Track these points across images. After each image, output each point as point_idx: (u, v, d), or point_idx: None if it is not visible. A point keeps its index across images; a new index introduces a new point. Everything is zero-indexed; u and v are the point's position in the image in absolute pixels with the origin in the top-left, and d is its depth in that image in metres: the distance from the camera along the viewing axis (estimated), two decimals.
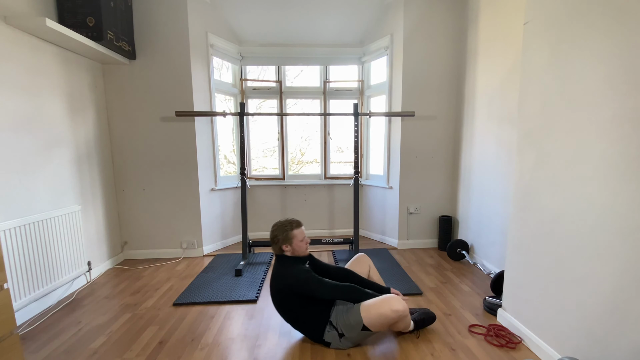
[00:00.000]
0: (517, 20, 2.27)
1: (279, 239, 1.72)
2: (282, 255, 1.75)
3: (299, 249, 1.74)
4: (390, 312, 1.58)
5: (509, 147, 2.41)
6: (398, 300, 1.61)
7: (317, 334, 1.68)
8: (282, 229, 1.73)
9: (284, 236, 1.72)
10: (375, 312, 1.60)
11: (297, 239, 1.73)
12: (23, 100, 2.04)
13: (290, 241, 1.72)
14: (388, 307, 1.59)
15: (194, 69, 2.94)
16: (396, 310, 1.58)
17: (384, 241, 3.54)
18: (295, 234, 1.73)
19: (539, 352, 1.61)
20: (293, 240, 1.72)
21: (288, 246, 1.72)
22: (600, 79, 1.26)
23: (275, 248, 1.75)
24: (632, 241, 1.15)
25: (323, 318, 1.67)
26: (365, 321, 1.61)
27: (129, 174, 2.98)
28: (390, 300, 1.61)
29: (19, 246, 1.95)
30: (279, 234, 1.73)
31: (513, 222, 1.79)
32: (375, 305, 1.62)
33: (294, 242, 1.72)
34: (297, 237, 1.73)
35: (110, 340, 1.80)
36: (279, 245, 1.73)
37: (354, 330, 1.63)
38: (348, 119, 3.74)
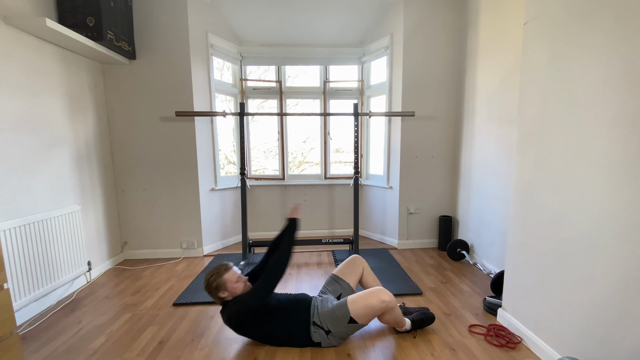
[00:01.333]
0: (517, 20, 2.27)
1: (212, 288, 1.64)
2: (225, 302, 1.68)
3: (235, 288, 1.65)
4: (378, 303, 1.60)
5: (509, 147, 2.41)
6: (384, 291, 1.64)
7: (304, 338, 1.67)
8: (213, 279, 1.64)
9: (215, 285, 1.63)
10: (362, 304, 1.62)
11: (231, 282, 1.65)
12: (23, 100, 2.04)
13: (225, 287, 1.64)
14: (375, 298, 1.61)
15: (194, 69, 2.94)
16: (383, 300, 1.61)
17: (383, 241, 3.54)
18: (227, 278, 1.64)
19: (539, 352, 1.61)
20: (227, 285, 1.64)
21: (225, 292, 1.65)
22: (600, 79, 1.26)
23: (215, 298, 1.67)
24: (632, 241, 1.15)
25: (304, 321, 1.66)
26: (352, 313, 1.62)
27: (129, 174, 2.98)
28: (378, 291, 1.64)
29: (19, 246, 1.95)
30: (212, 282, 1.64)
31: (513, 222, 1.79)
32: (362, 297, 1.64)
33: (229, 286, 1.64)
34: (231, 281, 1.65)
35: (110, 340, 1.80)
36: (215, 294, 1.65)
37: (341, 323, 1.63)
38: (348, 119, 3.74)
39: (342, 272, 1.96)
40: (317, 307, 1.70)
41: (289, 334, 1.67)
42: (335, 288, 1.91)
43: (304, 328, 1.66)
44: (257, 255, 3.17)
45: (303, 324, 1.66)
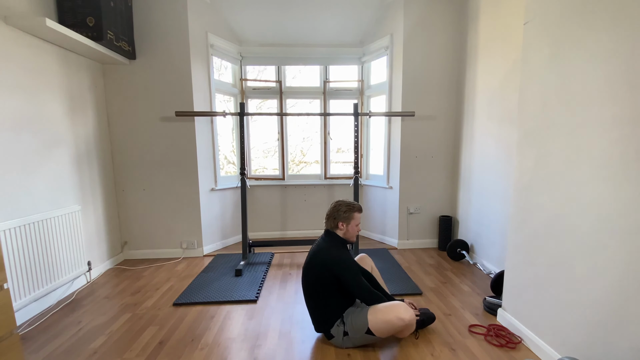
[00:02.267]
0: (517, 20, 2.27)
1: (340, 214, 1.72)
2: (333, 233, 1.75)
3: (352, 232, 1.75)
4: (397, 320, 1.57)
5: (509, 147, 2.41)
6: (406, 309, 1.59)
7: (327, 324, 1.69)
8: (347, 207, 1.73)
9: (346, 214, 1.72)
10: (382, 318, 1.59)
11: (355, 222, 1.74)
12: (23, 100, 2.04)
13: (349, 221, 1.72)
14: (395, 315, 1.57)
15: (194, 69, 2.94)
16: (402, 319, 1.57)
17: (384, 241, 3.54)
18: (356, 216, 1.74)
19: (539, 352, 1.61)
20: (352, 221, 1.73)
21: (344, 225, 1.73)
22: (600, 79, 1.26)
23: (331, 223, 1.74)
24: (632, 241, 1.15)
25: (339, 311, 1.68)
26: (370, 324, 1.61)
27: (129, 174, 2.98)
28: (399, 307, 1.60)
29: (19, 246, 1.95)
30: (341, 210, 1.72)
31: (513, 222, 1.79)
32: (382, 311, 1.61)
33: (352, 223, 1.73)
34: (356, 221, 1.74)
35: (110, 340, 1.80)
36: (337, 220, 1.72)
37: (359, 332, 1.63)
38: (348, 119, 3.74)
39: None
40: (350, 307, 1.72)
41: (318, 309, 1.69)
42: None
43: (334, 316, 1.67)
44: (257, 255, 3.17)
45: (336, 313, 1.68)
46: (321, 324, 1.71)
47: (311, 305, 1.73)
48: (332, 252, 1.66)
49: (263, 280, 2.57)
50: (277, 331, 1.87)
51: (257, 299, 2.26)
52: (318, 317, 1.71)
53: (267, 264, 2.91)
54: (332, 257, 1.65)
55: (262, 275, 2.67)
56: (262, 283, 2.52)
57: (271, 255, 3.18)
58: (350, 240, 1.79)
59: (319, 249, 1.71)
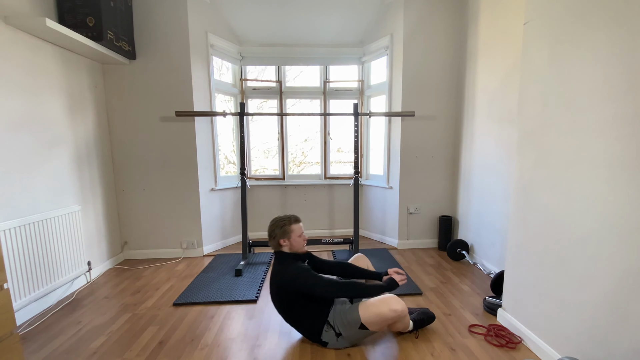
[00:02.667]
0: (517, 20, 2.27)
1: (276, 233, 1.70)
2: (280, 251, 1.73)
3: (297, 244, 1.72)
4: (389, 312, 1.58)
5: (509, 147, 2.41)
6: (397, 300, 1.61)
7: (315, 333, 1.68)
8: (281, 223, 1.71)
9: (282, 230, 1.69)
10: (374, 311, 1.60)
11: (295, 234, 1.71)
12: (23, 100, 2.04)
13: (289, 235, 1.70)
14: (387, 307, 1.59)
15: (194, 69, 2.94)
16: (395, 310, 1.58)
17: (384, 241, 3.54)
18: (294, 228, 1.71)
19: (539, 352, 1.61)
20: (291, 234, 1.70)
21: (286, 241, 1.70)
22: (600, 79, 1.26)
23: (273, 243, 1.73)
24: (632, 241, 1.15)
25: (321, 318, 1.67)
26: (363, 319, 1.61)
27: (129, 174, 2.98)
28: (390, 299, 1.61)
29: (19, 246, 1.95)
30: (277, 228, 1.71)
31: (513, 221, 1.79)
32: (374, 304, 1.62)
33: (292, 236, 1.70)
34: (295, 232, 1.71)
35: (110, 340, 1.80)
36: (277, 240, 1.71)
37: (352, 328, 1.63)
38: (348, 119, 3.74)
39: None
40: (335, 307, 1.71)
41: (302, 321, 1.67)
42: None
43: (318, 323, 1.66)
44: (257, 255, 3.17)
45: (318, 319, 1.66)
46: (311, 336, 1.70)
47: (292, 322, 1.71)
48: (283, 272, 1.64)
49: (263, 280, 2.57)
50: (277, 331, 1.87)
51: (257, 299, 2.26)
52: (304, 331, 1.71)
53: (267, 264, 2.91)
54: (286, 277, 1.63)
55: (262, 275, 2.66)
56: (262, 283, 2.52)
57: (271, 255, 3.18)
58: (300, 252, 1.76)
59: (273, 273, 1.70)
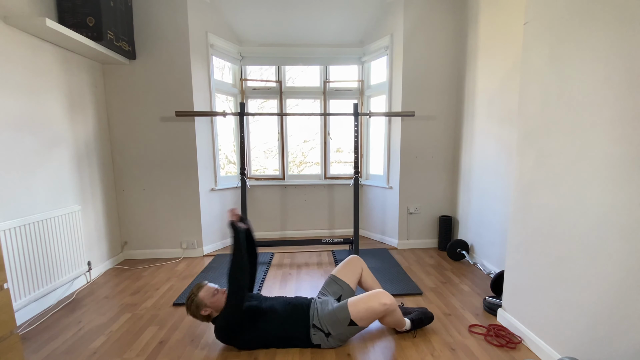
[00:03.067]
0: (517, 20, 2.27)
1: (193, 311, 1.65)
2: (213, 319, 1.69)
3: (218, 304, 1.66)
4: (379, 306, 1.60)
5: (509, 147, 2.41)
6: (385, 294, 1.65)
7: (304, 340, 1.67)
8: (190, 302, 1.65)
9: (195, 306, 1.64)
10: (363, 306, 1.61)
11: (209, 298, 1.65)
12: (23, 100, 2.04)
13: (204, 304, 1.64)
14: (376, 301, 1.61)
15: (194, 69, 2.94)
16: (384, 304, 1.61)
17: (383, 241, 3.54)
18: (202, 296, 1.65)
19: (539, 352, 1.61)
20: (205, 301, 1.64)
21: (206, 309, 1.65)
22: (600, 79, 1.26)
23: (201, 319, 1.68)
24: (632, 241, 1.15)
25: (303, 324, 1.66)
26: (352, 316, 1.62)
27: (129, 174, 2.98)
28: (379, 294, 1.65)
29: (19, 246, 1.95)
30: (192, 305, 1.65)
31: (513, 221, 1.79)
32: (362, 300, 1.64)
33: (207, 302, 1.65)
34: (207, 296, 1.65)
35: (110, 340, 1.80)
36: (199, 315, 1.65)
37: (341, 325, 1.63)
38: (348, 119, 3.74)
39: (341, 273, 1.96)
40: (317, 309, 1.70)
41: (287, 337, 1.66)
42: (335, 289, 1.90)
43: (304, 330, 1.66)
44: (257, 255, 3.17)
45: (303, 327, 1.66)
46: (302, 343, 1.68)
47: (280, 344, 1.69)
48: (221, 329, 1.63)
49: (263, 280, 2.57)
50: None
51: None
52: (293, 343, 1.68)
53: (267, 264, 2.92)
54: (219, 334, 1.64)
55: (262, 275, 2.66)
56: (262, 283, 2.52)
57: (271, 255, 3.18)
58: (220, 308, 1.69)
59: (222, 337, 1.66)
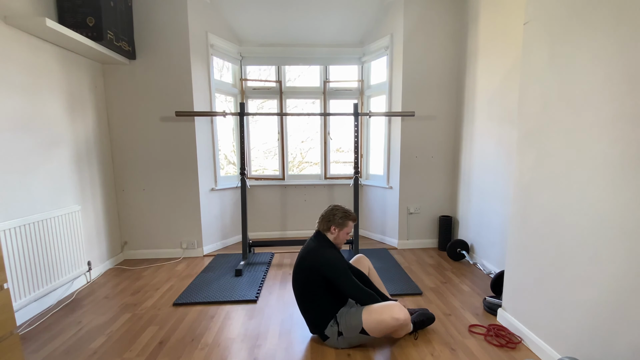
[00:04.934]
0: (517, 20, 2.27)
1: (335, 219, 1.74)
2: (323, 235, 1.77)
3: (342, 239, 1.78)
4: (391, 320, 1.58)
5: (509, 147, 2.41)
6: (400, 308, 1.60)
7: (320, 325, 1.68)
8: (343, 214, 1.76)
9: (341, 220, 1.74)
10: (376, 318, 1.60)
11: (347, 230, 1.77)
12: (23, 100, 2.04)
13: (342, 228, 1.75)
14: (389, 314, 1.58)
15: (194, 69, 2.94)
16: (397, 319, 1.58)
17: (384, 241, 3.54)
18: (350, 225, 1.77)
19: (539, 352, 1.61)
20: (345, 228, 1.76)
21: (336, 230, 1.75)
22: (600, 79, 1.26)
23: (324, 225, 1.76)
24: (632, 241, 1.15)
25: (332, 311, 1.68)
26: (364, 324, 1.61)
27: (129, 174, 2.98)
28: (393, 307, 1.61)
29: (19, 246, 1.94)
30: (338, 215, 1.75)
31: (513, 221, 1.79)
32: (376, 311, 1.61)
33: (344, 230, 1.76)
34: (348, 229, 1.77)
35: (110, 340, 1.80)
36: (331, 224, 1.75)
37: (353, 331, 1.63)
38: (348, 119, 3.74)
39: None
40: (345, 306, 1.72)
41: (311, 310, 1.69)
42: None
43: (328, 316, 1.67)
44: (257, 255, 3.17)
45: (329, 312, 1.67)
46: (315, 326, 1.71)
47: (304, 306, 1.73)
48: (321, 253, 1.66)
49: (263, 280, 2.57)
50: (277, 331, 1.87)
51: (257, 299, 2.26)
52: (311, 318, 1.71)
53: (267, 264, 2.91)
54: (322, 259, 1.65)
55: (262, 275, 2.66)
56: (262, 283, 2.52)
57: (271, 255, 3.18)
58: (338, 246, 1.80)
59: (308, 250, 1.71)
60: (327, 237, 1.77)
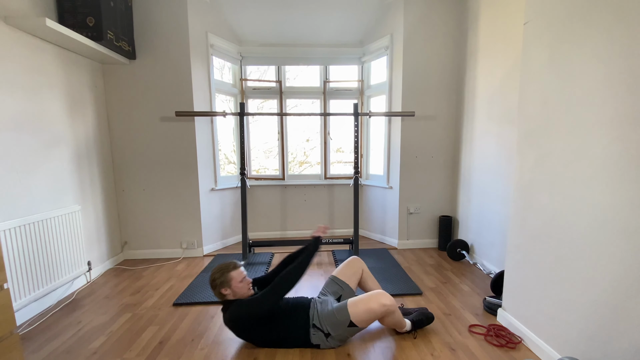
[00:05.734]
0: (517, 20, 2.27)
1: (216, 283, 1.65)
2: (225, 301, 1.68)
3: (240, 290, 1.66)
4: (378, 307, 1.61)
5: (509, 147, 2.41)
6: (385, 295, 1.66)
7: (303, 340, 1.67)
8: (219, 274, 1.65)
9: (221, 280, 1.64)
10: (363, 308, 1.62)
11: (236, 281, 1.65)
12: (23, 100, 2.04)
13: (229, 284, 1.64)
14: (376, 302, 1.62)
15: (194, 69, 2.94)
16: (384, 304, 1.61)
17: (384, 241, 3.54)
18: (233, 275, 1.65)
19: (539, 352, 1.61)
20: (231, 282, 1.64)
21: (227, 289, 1.65)
22: (600, 79, 1.26)
23: (216, 293, 1.67)
24: (632, 241, 1.15)
25: (303, 324, 1.66)
26: (352, 317, 1.62)
27: (129, 174, 2.98)
28: (378, 295, 1.65)
29: (19, 246, 1.94)
30: (217, 277, 1.65)
31: (513, 222, 1.79)
32: (362, 301, 1.65)
33: (233, 284, 1.65)
34: (236, 279, 1.65)
35: (110, 340, 1.80)
36: (217, 289, 1.66)
37: (341, 327, 1.64)
38: (348, 119, 3.74)
39: (342, 274, 1.96)
40: (316, 309, 1.70)
41: (287, 337, 1.67)
42: (335, 289, 1.90)
43: (303, 330, 1.66)
44: (257, 255, 3.17)
45: (302, 327, 1.66)
46: (302, 344, 1.68)
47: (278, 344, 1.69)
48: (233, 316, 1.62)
49: None
50: None
51: None
52: (292, 344, 1.69)
53: (267, 264, 2.91)
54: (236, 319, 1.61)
55: (262, 275, 2.66)
56: None
57: (271, 255, 3.18)
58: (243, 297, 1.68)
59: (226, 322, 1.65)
60: (229, 299, 1.68)
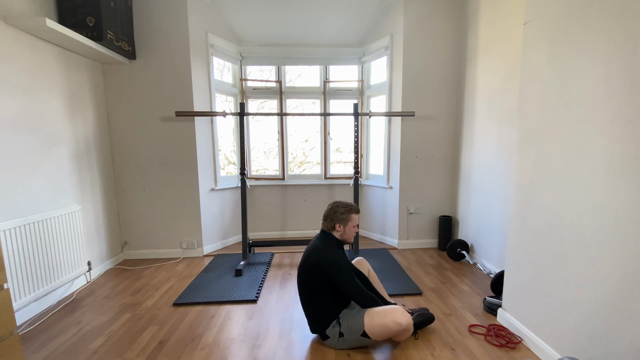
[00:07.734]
0: (517, 20, 2.27)
1: (337, 216, 1.70)
2: (329, 233, 1.74)
3: (349, 234, 1.74)
4: (393, 324, 1.57)
5: (509, 147, 2.41)
6: (403, 313, 1.59)
7: (322, 324, 1.68)
8: (344, 209, 1.72)
9: (343, 216, 1.70)
10: (378, 321, 1.59)
11: (352, 224, 1.73)
12: (23, 100, 2.04)
13: (347, 223, 1.71)
14: (391, 319, 1.57)
15: (194, 69, 2.94)
16: (399, 323, 1.56)
17: (383, 241, 3.54)
18: (354, 218, 1.73)
19: (539, 352, 1.61)
20: (349, 223, 1.72)
21: (341, 227, 1.72)
22: (600, 79, 1.26)
23: (328, 224, 1.73)
24: (632, 241, 1.15)
25: (335, 312, 1.68)
26: (366, 327, 1.61)
27: (129, 174, 2.98)
28: (395, 311, 1.60)
29: (19, 246, 1.95)
30: (340, 211, 1.71)
31: (513, 221, 1.79)
32: (379, 315, 1.60)
33: (349, 225, 1.72)
34: (353, 222, 1.73)
35: (110, 340, 1.80)
36: (334, 222, 1.71)
37: (354, 334, 1.63)
38: (348, 119, 3.74)
39: None
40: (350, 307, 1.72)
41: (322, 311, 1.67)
42: None
43: (330, 317, 1.67)
44: (257, 255, 3.17)
45: (332, 313, 1.67)
46: (316, 325, 1.71)
47: (306, 305, 1.72)
48: (326, 253, 1.65)
49: (263, 280, 2.57)
50: (277, 331, 1.87)
51: (257, 299, 2.26)
52: (313, 317, 1.71)
53: (267, 264, 2.91)
54: (327, 258, 1.64)
55: (262, 275, 2.66)
56: (262, 283, 2.52)
57: (271, 255, 3.18)
58: (348, 242, 1.78)
59: (314, 248, 1.70)
60: (334, 235, 1.75)
